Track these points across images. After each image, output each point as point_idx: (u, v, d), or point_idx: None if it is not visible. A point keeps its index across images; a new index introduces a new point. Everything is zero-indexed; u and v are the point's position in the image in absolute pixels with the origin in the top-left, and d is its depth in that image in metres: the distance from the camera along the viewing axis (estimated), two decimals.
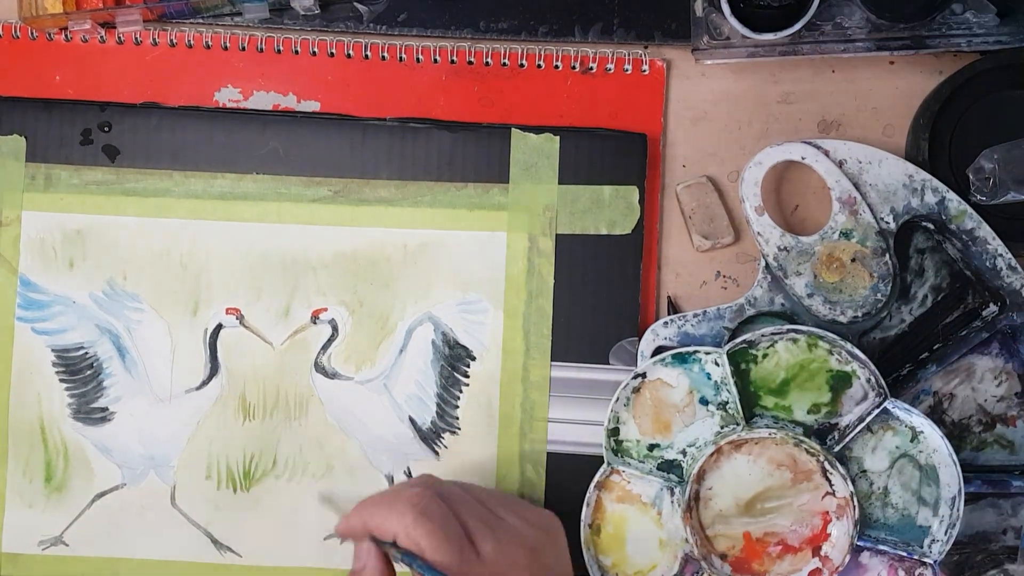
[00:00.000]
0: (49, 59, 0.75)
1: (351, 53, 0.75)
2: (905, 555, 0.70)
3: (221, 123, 0.74)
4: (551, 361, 0.74)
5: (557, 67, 0.75)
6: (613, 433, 0.71)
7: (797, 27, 0.71)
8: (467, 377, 0.74)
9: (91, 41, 0.75)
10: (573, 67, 0.75)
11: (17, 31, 0.75)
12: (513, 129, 0.74)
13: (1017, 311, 0.72)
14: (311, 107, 0.75)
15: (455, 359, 0.74)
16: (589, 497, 0.71)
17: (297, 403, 0.74)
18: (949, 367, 0.74)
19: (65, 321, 0.74)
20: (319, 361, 0.74)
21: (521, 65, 0.75)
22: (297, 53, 0.75)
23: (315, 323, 0.74)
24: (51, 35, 0.75)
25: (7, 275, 0.74)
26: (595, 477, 0.71)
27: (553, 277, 0.74)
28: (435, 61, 0.75)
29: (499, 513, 0.65)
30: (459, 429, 0.74)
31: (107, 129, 0.74)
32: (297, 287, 0.74)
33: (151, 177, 0.74)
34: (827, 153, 0.71)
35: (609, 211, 0.74)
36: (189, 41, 0.75)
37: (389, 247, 0.74)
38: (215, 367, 0.74)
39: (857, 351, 0.69)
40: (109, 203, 0.74)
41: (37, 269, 0.74)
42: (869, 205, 0.71)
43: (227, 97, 0.75)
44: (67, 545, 0.74)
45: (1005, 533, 0.73)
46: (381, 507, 0.62)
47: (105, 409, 0.74)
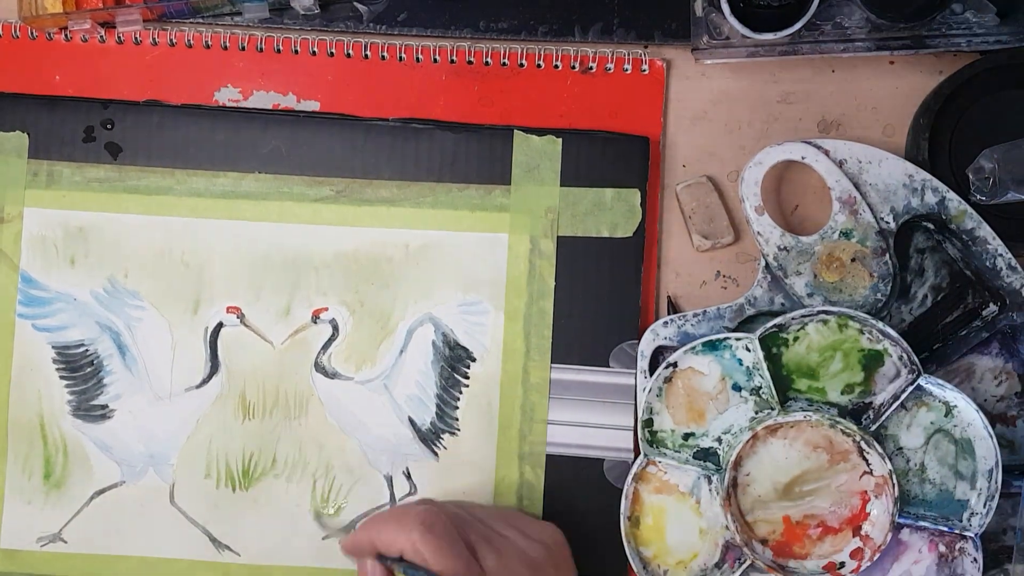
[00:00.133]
0: (49, 59, 0.75)
1: (351, 53, 0.75)
2: (946, 530, 0.69)
3: (224, 122, 0.74)
4: (551, 363, 0.74)
5: (557, 67, 0.75)
6: (647, 424, 0.71)
7: (797, 27, 0.71)
8: (467, 378, 0.74)
9: (91, 41, 0.75)
10: (573, 67, 0.75)
11: (17, 31, 0.75)
12: (515, 131, 0.74)
13: (1017, 311, 0.72)
14: (311, 107, 0.75)
15: (455, 360, 0.74)
16: (627, 490, 0.71)
17: (297, 402, 0.74)
18: (949, 367, 0.73)
19: (66, 318, 0.74)
20: (319, 361, 0.74)
21: (521, 65, 0.75)
22: (297, 53, 0.75)
23: (316, 323, 0.74)
24: (51, 35, 0.75)
25: (8, 272, 0.74)
26: (632, 469, 0.71)
27: (554, 279, 0.74)
28: (435, 61, 0.75)
29: (499, 529, 0.66)
30: (459, 430, 0.74)
31: (110, 126, 0.74)
32: (298, 286, 0.74)
33: (153, 175, 0.74)
34: (827, 153, 0.71)
35: (611, 214, 0.74)
36: (189, 41, 0.75)
37: (390, 247, 0.74)
38: (215, 366, 0.74)
39: (889, 329, 0.68)
40: (111, 201, 0.74)
41: (38, 266, 0.74)
42: (869, 205, 0.71)
43: (227, 97, 0.75)
44: (65, 542, 0.74)
45: (1005, 533, 0.73)
46: (389, 523, 0.63)
47: (105, 406, 0.74)
